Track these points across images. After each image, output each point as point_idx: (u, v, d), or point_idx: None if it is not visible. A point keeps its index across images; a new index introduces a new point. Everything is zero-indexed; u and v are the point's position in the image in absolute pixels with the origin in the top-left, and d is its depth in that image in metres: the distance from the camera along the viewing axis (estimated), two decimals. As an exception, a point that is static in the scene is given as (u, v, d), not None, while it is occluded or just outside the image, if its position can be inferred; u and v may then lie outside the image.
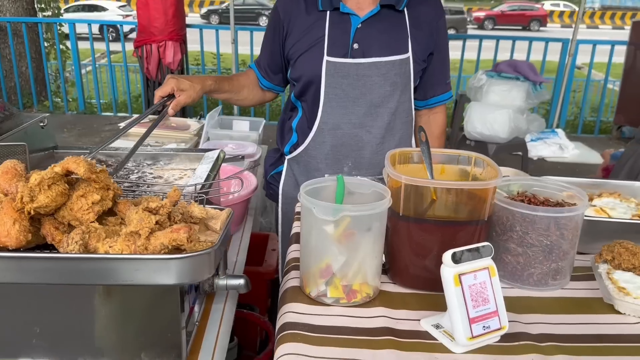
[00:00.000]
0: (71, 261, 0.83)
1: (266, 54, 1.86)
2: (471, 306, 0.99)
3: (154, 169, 1.58)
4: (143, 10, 5.45)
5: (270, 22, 1.82)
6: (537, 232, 1.17)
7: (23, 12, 7.20)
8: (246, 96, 1.88)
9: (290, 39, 1.74)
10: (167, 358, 1.03)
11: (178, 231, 0.82)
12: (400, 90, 1.74)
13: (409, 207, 1.17)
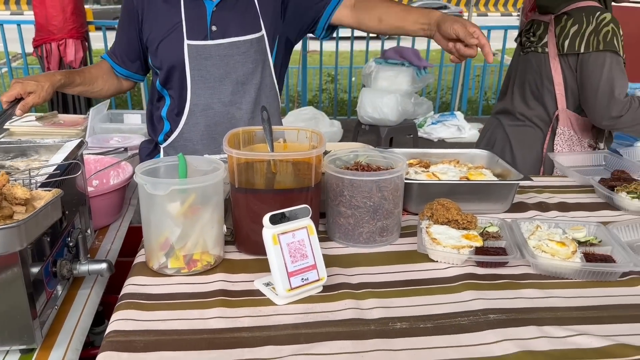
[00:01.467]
0: None
1: (122, 42, 1.89)
2: (289, 261, 1.10)
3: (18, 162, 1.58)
4: (39, 8, 5.24)
5: (124, 10, 1.85)
6: (362, 194, 1.30)
7: None
8: (102, 87, 1.90)
9: (147, 26, 1.78)
10: (19, 341, 1.07)
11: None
12: (261, 67, 1.84)
13: (243, 180, 1.26)
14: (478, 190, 1.50)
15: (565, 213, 1.57)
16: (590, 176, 1.76)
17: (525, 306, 1.09)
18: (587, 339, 0.97)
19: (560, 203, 1.64)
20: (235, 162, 1.24)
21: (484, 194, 1.51)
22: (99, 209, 1.69)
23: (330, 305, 1.09)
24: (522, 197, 1.66)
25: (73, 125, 2.75)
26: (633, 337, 0.98)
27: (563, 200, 1.66)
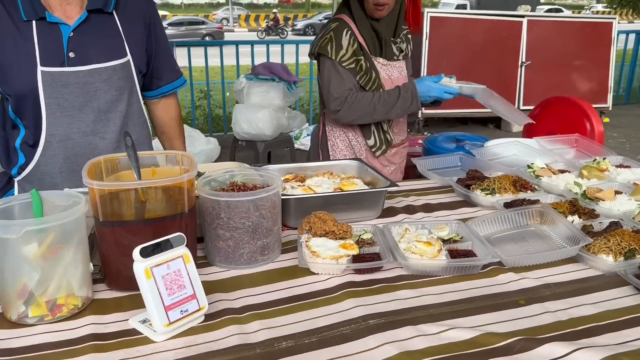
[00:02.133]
0: None
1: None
2: (166, 294, 1.05)
3: None
4: None
5: None
6: (239, 215, 1.28)
7: None
8: None
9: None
10: None
11: None
12: (127, 94, 1.75)
13: (108, 212, 1.19)
14: (351, 199, 1.56)
15: (430, 213, 1.69)
16: (449, 177, 1.92)
17: (401, 307, 1.15)
18: (457, 332, 1.05)
19: (425, 204, 1.76)
20: (98, 194, 1.16)
21: (356, 203, 1.57)
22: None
23: (213, 335, 1.06)
24: (392, 202, 1.76)
25: None
26: (497, 325, 1.08)
27: (427, 202, 1.79)
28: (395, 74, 2.29)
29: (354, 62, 2.16)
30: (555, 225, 1.47)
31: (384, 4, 2.12)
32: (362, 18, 2.18)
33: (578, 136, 2.29)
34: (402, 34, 2.31)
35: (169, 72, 1.94)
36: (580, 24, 6.87)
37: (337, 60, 2.15)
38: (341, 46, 2.15)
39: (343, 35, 2.15)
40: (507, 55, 6.53)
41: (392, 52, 2.26)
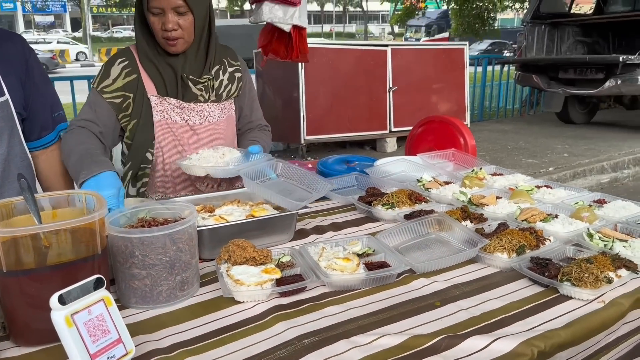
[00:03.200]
0: None
1: None
2: (90, 342, 0.98)
3: None
4: None
5: None
6: (156, 251, 1.24)
7: None
8: None
9: None
10: None
11: None
12: (7, 135, 1.62)
13: (15, 261, 1.09)
14: (265, 224, 1.57)
15: (339, 231, 1.76)
16: (350, 196, 2.01)
17: (332, 323, 1.18)
18: (388, 339, 1.10)
19: (333, 223, 1.83)
20: (0, 241, 1.05)
21: (270, 227, 1.59)
22: None
23: (144, 378, 1.01)
24: (301, 225, 1.80)
25: None
26: (421, 327, 1.16)
27: (334, 221, 1.86)
28: (196, 119, 1.92)
29: (121, 97, 1.85)
30: (452, 231, 1.61)
31: (176, 38, 1.76)
32: (151, 51, 1.85)
33: (454, 150, 2.52)
34: (219, 71, 1.94)
35: (49, 119, 1.81)
36: (437, 50, 7.58)
37: (98, 89, 1.85)
38: (108, 75, 1.85)
39: (114, 65, 1.86)
40: (376, 81, 6.97)
41: (192, 94, 1.88)
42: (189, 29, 1.77)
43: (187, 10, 1.73)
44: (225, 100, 1.98)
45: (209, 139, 1.95)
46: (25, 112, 1.71)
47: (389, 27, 46.13)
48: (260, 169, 1.75)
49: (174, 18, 1.72)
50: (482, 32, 15.07)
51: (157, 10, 1.71)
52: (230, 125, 2.03)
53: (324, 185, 1.73)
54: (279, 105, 6.57)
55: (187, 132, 1.92)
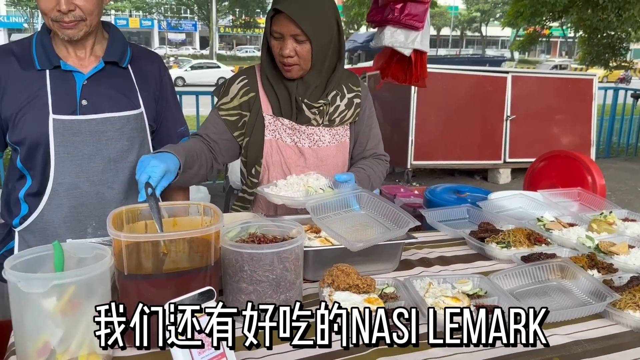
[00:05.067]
0: None
1: None
2: (196, 352, 1.01)
3: None
4: None
5: None
6: (263, 268, 1.25)
7: None
8: None
9: (6, 100, 1.60)
10: None
11: None
12: (138, 145, 1.74)
13: (135, 265, 1.15)
14: (370, 251, 1.53)
15: (447, 266, 1.67)
16: (460, 229, 1.92)
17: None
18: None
19: (440, 257, 1.75)
20: (124, 245, 1.13)
21: (375, 255, 1.55)
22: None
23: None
24: (406, 255, 1.74)
25: None
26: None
27: (442, 254, 1.78)
28: (306, 142, 1.90)
29: (237, 115, 1.91)
30: (577, 280, 1.46)
31: (291, 65, 1.77)
32: (271, 72, 1.87)
33: (580, 190, 2.33)
34: (336, 97, 1.89)
35: (174, 134, 1.93)
36: (563, 80, 7.14)
37: (217, 106, 1.93)
38: (227, 93, 1.92)
39: (234, 83, 1.91)
40: (492, 108, 6.71)
41: (305, 117, 1.86)
42: (306, 57, 1.77)
43: (305, 39, 1.73)
44: (338, 126, 1.94)
45: (316, 163, 1.93)
46: (155, 125, 1.84)
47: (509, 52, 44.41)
48: (344, 199, 1.67)
49: (292, 45, 1.74)
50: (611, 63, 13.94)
51: (278, 34, 1.75)
52: (341, 151, 1.98)
53: (406, 223, 1.56)
54: (386, 127, 6.53)
55: (295, 154, 1.91)
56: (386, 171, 2.09)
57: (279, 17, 1.71)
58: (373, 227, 1.60)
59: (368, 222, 1.63)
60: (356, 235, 1.53)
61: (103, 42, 1.72)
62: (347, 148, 2.00)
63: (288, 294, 1.29)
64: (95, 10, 1.58)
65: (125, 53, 1.74)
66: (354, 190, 1.69)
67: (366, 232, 1.57)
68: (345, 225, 1.57)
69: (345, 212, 1.65)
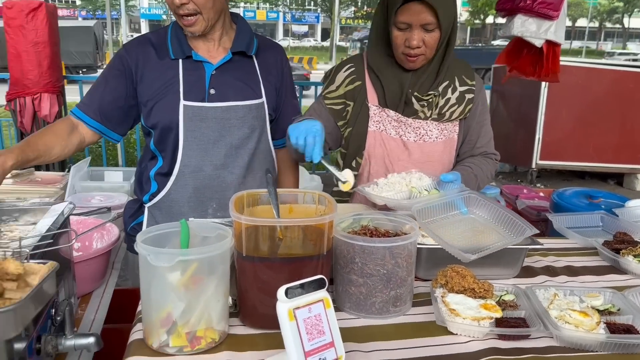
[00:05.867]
0: None
1: (105, 99, 1.76)
2: (306, 339, 1.01)
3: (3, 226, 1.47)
4: (15, 62, 5.17)
5: (112, 67, 1.77)
6: (375, 262, 1.24)
7: None
8: (59, 153, 1.68)
9: (143, 86, 1.73)
10: None
11: (-28, 289, 0.77)
12: (258, 132, 1.81)
13: (253, 248, 1.19)
14: (488, 255, 1.45)
15: (575, 278, 1.54)
16: (592, 238, 1.75)
17: (557, 384, 1.02)
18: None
19: (567, 267, 1.61)
20: (244, 228, 1.17)
21: (494, 258, 1.46)
22: (83, 275, 1.58)
23: (349, 387, 1.01)
24: (529, 261, 1.63)
25: (51, 184, 2.64)
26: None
27: (569, 264, 1.63)
28: (411, 136, 1.82)
29: (341, 104, 1.87)
30: None
31: (417, 56, 1.69)
32: (382, 62, 1.81)
33: None
34: (447, 89, 1.79)
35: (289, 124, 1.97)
36: None
37: (323, 94, 1.89)
38: (333, 81, 1.88)
39: (341, 71, 1.87)
40: (634, 107, 6.05)
41: (413, 109, 1.79)
42: (432, 47, 1.70)
43: (435, 28, 1.66)
44: (447, 121, 1.84)
45: (420, 158, 1.84)
46: (274, 115, 1.89)
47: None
48: (451, 201, 1.57)
49: (420, 34, 1.67)
50: None
51: (404, 25, 1.68)
52: (449, 148, 1.88)
53: (522, 230, 1.45)
54: (509, 123, 6.17)
55: (399, 147, 1.83)
56: (495, 171, 1.96)
57: (408, 6, 1.64)
58: (484, 233, 1.50)
59: (478, 227, 1.53)
60: (466, 242, 1.44)
61: (231, 33, 1.80)
62: (455, 145, 1.89)
63: (399, 290, 1.26)
64: (208, 3, 1.64)
65: (251, 44, 1.80)
66: (461, 191, 1.59)
67: (477, 238, 1.47)
68: (453, 230, 1.49)
69: (452, 215, 1.55)
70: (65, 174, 2.78)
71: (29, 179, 2.67)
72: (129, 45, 1.79)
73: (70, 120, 1.76)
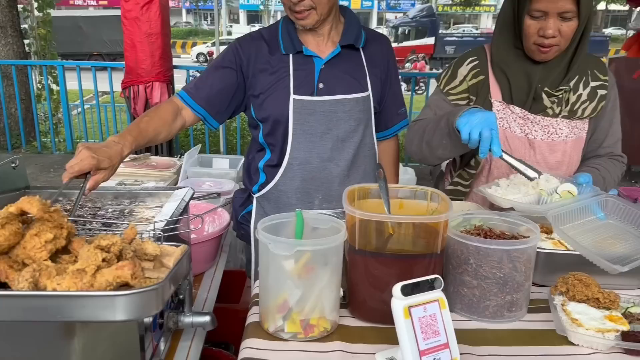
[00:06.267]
0: (19, 298, 0.85)
1: (214, 86, 1.80)
2: (421, 338, 1.01)
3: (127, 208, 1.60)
4: (130, 52, 5.56)
5: (226, 57, 1.81)
6: (490, 264, 1.20)
7: (13, 55, 7.32)
8: (165, 136, 1.74)
9: (254, 80, 1.78)
10: None
11: (122, 268, 0.84)
12: (363, 125, 1.81)
13: (364, 242, 1.20)
14: (613, 263, 1.36)
15: None
16: None
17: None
18: None
19: (702, 281, 1.46)
20: (358, 221, 1.18)
21: (620, 268, 1.36)
22: (197, 256, 1.67)
23: (463, 390, 0.99)
24: (656, 272, 1.50)
25: (165, 168, 2.81)
26: None
27: None
28: (538, 134, 1.71)
29: (465, 99, 1.79)
30: None
31: (551, 46, 1.59)
32: (508, 54, 1.71)
33: None
34: (579, 84, 1.68)
35: (394, 115, 1.97)
36: None
37: (444, 91, 1.82)
38: (455, 76, 1.80)
39: (463, 65, 1.80)
40: None
41: (542, 105, 1.69)
42: (568, 37, 1.59)
43: (574, 16, 1.55)
44: (578, 119, 1.72)
45: (547, 159, 1.73)
46: (379, 107, 1.88)
47: None
48: (587, 205, 1.44)
49: (557, 23, 1.56)
50: None
51: (539, 13, 1.57)
52: (578, 147, 1.76)
53: None
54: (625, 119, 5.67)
55: (524, 146, 1.73)
56: (621, 174, 1.81)
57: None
58: (628, 241, 1.36)
59: (619, 233, 1.40)
60: (608, 250, 1.31)
61: (339, 27, 1.81)
62: (583, 144, 1.77)
63: (515, 295, 1.22)
64: None
65: (359, 36, 1.80)
66: (596, 194, 1.47)
67: (619, 247, 1.34)
68: (592, 237, 1.37)
69: (589, 221, 1.42)
70: (178, 159, 2.95)
71: (145, 163, 2.87)
72: (243, 41, 1.85)
73: (175, 103, 1.79)
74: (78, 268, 0.84)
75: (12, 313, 0.86)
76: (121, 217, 1.47)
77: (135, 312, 0.86)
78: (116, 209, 1.52)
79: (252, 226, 1.90)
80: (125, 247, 0.94)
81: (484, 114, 1.44)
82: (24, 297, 0.84)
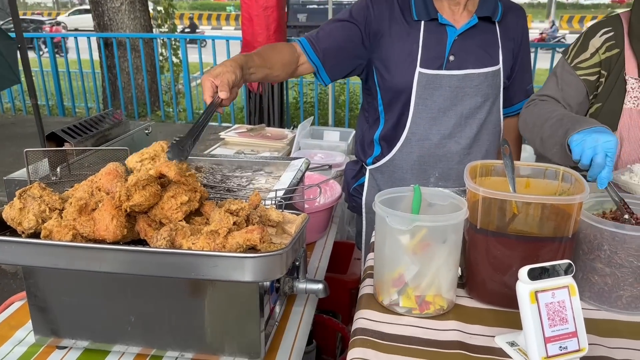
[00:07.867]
0: (157, 255, 0.92)
1: (337, 39, 1.71)
2: (547, 325, 0.95)
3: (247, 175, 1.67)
4: (247, 25, 5.74)
5: (353, 16, 1.71)
6: (627, 252, 1.10)
7: (141, 28, 7.89)
8: (279, 73, 1.66)
9: (381, 43, 1.70)
10: (246, 354, 1.09)
11: (252, 232, 0.88)
12: (490, 102, 1.72)
13: (487, 221, 1.15)
14: None
15: None
16: None
17: None
18: None
19: None
20: (481, 201, 1.13)
21: None
22: (309, 226, 1.70)
23: (592, 384, 0.92)
24: None
25: (279, 139, 2.90)
26: None
27: None
28: None
29: (596, 74, 1.63)
30: None
31: None
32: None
33: None
34: None
35: (521, 91, 1.85)
36: None
37: (572, 64, 1.67)
38: (586, 48, 1.65)
39: (596, 36, 1.64)
40: None
41: None
42: None
43: None
44: None
45: None
46: (508, 82, 1.77)
47: None
48: None
49: None
50: None
51: None
52: None
53: None
54: None
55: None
56: None
57: None
58: None
59: None
60: None
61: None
62: None
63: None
64: None
65: (497, 8, 1.69)
66: None
67: None
68: None
69: None
70: (290, 130, 3.03)
71: (261, 133, 2.98)
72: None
73: (294, 48, 1.71)
74: (212, 229, 0.90)
75: (150, 268, 0.93)
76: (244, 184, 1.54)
77: (262, 274, 0.90)
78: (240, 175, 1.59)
79: (364, 198, 1.90)
80: (252, 213, 0.98)
81: (603, 136, 1.28)
82: (162, 254, 0.92)
